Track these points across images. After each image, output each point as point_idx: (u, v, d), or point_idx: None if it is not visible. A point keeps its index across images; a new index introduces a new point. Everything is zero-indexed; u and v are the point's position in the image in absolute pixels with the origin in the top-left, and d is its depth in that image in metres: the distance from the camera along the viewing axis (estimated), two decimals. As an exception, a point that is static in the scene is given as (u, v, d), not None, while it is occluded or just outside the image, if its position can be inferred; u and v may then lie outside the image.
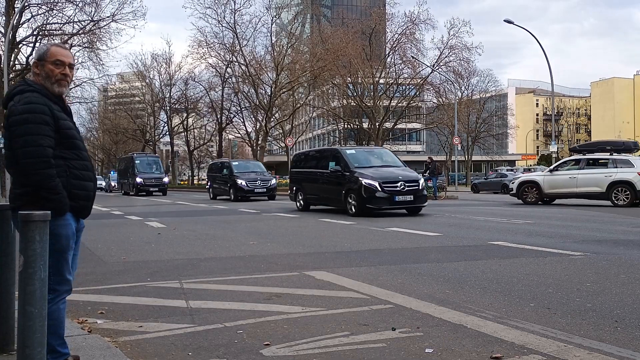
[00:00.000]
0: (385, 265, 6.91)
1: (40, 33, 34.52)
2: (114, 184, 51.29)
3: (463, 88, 57.07)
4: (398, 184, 14.46)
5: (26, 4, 32.53)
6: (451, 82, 48.10)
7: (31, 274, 2.53)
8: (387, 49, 49.66)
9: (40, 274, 2.55)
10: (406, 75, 49.54)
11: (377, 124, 47.08)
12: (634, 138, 78.68)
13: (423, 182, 15.18)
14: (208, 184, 30.39)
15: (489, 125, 65.72)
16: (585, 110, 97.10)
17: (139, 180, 37.60)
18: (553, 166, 19.87)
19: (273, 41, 47.88)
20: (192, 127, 64.93)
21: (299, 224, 13.03)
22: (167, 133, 64.74)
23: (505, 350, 3.50)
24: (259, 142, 49.29)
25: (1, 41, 31.45)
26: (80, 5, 33.70)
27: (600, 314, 4.38)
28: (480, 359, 3.40)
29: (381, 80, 48.41)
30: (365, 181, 14.43)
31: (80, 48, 36.08)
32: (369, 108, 47.88)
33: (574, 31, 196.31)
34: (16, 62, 34.65)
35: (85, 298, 5.30)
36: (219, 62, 49.14)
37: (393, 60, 49.22)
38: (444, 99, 50.81)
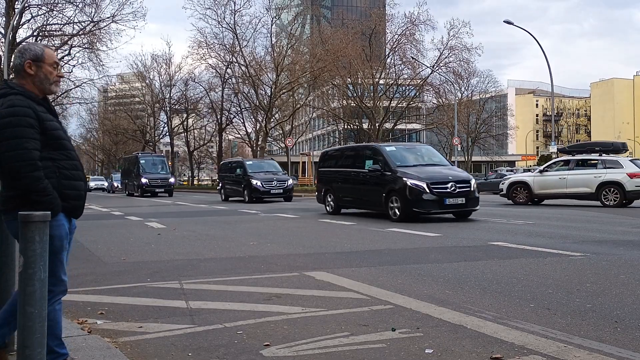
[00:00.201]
0: (385, 265, 6.91)
1: (41, 34, 34.56)
2: (116, 184, 50.21)
3: (463, 89, 57.12)
4: (448, 185, 12.95)
5: (26, 5, 32.58)
6: (451, 83, 48.11)
7: (31, 275, 2.53)
8: (387, 49, 49.66)
9: (40, 274, 2.55)
10: (406, 76, 49.54)
11: (377, 125, 47.06)
12: (633, 138, 78.84)
13: (475, 183, 13.71)
14: (219, 185, 28.83)
15: (488, 126, 65.74)
16: (585, 110, 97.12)
17: (144, 180, 36.24)
18: (543, 167, 20.06)
19: (273, 42, 47.89)
20: (192, 128, 64.91)
21: (298, 225, 13.03)
22: (167, 134, 64.72)
23: (505, 351, 3.50)
24: (259, 143, 49.29)
25: (1, 42, 31.48)
26: (80, 6, 33.77)
27: (600, 315, 4.38)
28: (480, 359, 3.40)
29: (381, 81, 48.40)
30: (410, 182, 12.89)
31: (80, 49, 36.18)
32: (368, 109, 47.88)
33: (574, 32, 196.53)
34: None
35: (85, 298, 5.30)
36: (219, 63, 49.15)
37: (393, 60, 49.26)
38: (443, 99, 50.82)
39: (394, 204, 13.24)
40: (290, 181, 25.84)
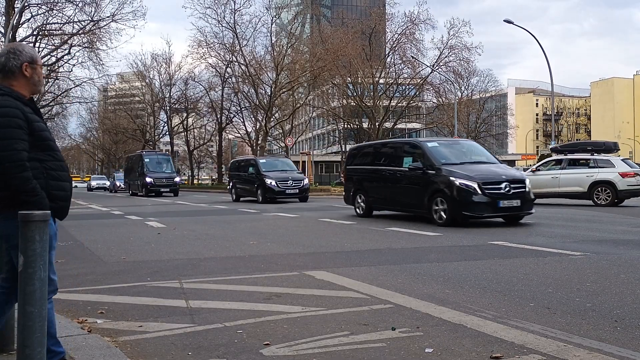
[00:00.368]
0: (385, 265, 6.91)
1: (40, 33, 34.54)
2: (119, 183, 49.01)
3: (463, 88, 57.13)
4: (502, 185, 11.49)
5: (26, 4, 32.54)
6: (451, 82, 48.09)
7: (31, 274, 2.54)
8: (387, 49, 49.65)
9: (40, 273, 2.55)
10: (406, 75, 49.54)
11: (377, 124, 47.06)
12: (633, 138, 78.86)
13: (529, 183, 12.33)
14: (230, 185, 27.45)
15: (488, 125, 65.75)
16: (585, 110, 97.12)
17: (148, 180, 35.07)
18: (535, 166, 20.17)
19: (273, 41, 47.89)
20: (192, 127, 64.95)
21: (298, 224, 13.03)
22: (167, 133, 64.77)
23: (505, 350, 3.50)
24: (259, 142, 49.30)
25: (1, 41, 31.45)
26: (80, 5, 33.73)
27: (600, 314, 4.38)
28: (480, 358, 3.40)
29: (381, 80, 48.40)
30: (459, 182, 11.46)
31: (80, 48, 36.13)
32: (368, 108, 47.88)
33: (574, 31, 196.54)
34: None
35: (85, 298, 5.31)
36: (219, 62, 49.19)
37: (393, 60, 49.25)
38: (443, 99, 50.80)
39: (438, 206, 11.74)
40: (306, 180, 24.54)
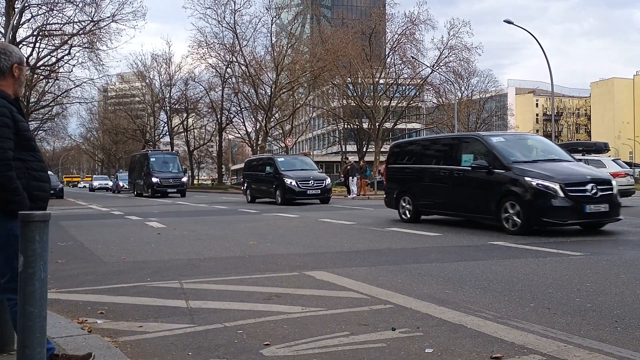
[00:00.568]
0: (385, 265, 6.91)
1: (40, 33, 34.57)
2: (122, 184, 47.84)
3: (463, 88, 57.20)
4: (588, 187, 9.74)
5: (26, 5, 32.58)
6: (451, 83, 48.11)
7: (31, 274, 2.54)
8: (387, 49, 49.67)
9: (40, 274, 2.55)
10: (406, 76, 49.56)
11: (377, 124, 47.08)
12: (633, 138, 78.83)
13: (616, 185, 10.52)
14: (244, 185, 25.89)
15: (488, 126, 65.74)
16: (585, 110, 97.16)
17: (154, 179, 33.51)
18: None
19: (273, 41, 47.95)
20: (192, 128, 65.00)
21: (298, 224, 13.03)
22: (167, 133, 64.80)
23: (505, 350, 3.50)
24: (259, 142, 49.33)
25: (1, 41, 31.46)
26: (80, 5, 33.78)
27: (600, 314, 4.38)
28: (480, 358, 3.40)
29: (381, 81, 48.42)
30: (536, 182, 9.80)
31: (81, 48, 36.18)
32: (368, 108, 47.89)
33: (574, 31, 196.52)
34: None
35: (85, 298, 5.31)
36: (219, 63, 49.27)
37: (393, 60, 49.28)
38: (443, 99, 50.83)
39: (510, 211, 10.04)
40: (328, 180, 22.68)
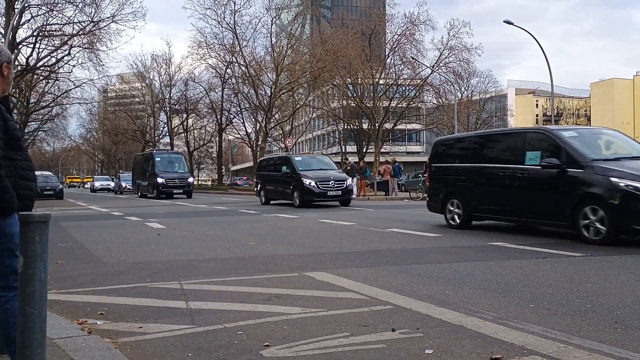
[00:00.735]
0: (385, 266, 6.91)
1: (40, 34, 34.58)
2: (124, 184, 46.58)
3: (463, 89, 57.13)
4: None
5: (26, 5, 32.59)
6: (451, 83, 48.07)
7: (31, 275, 2.53)
8: (387, 49, 49.65)
9: (40, 274, 2.55)
10: (406, 76, 49.53)
11: (377, 125, 47.07)
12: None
13: None
14: (258, 186, 24.64)
15: (488, 126, 65.73)
16: (585, 111, 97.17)
17: (160, 180, 32.32)
18: None
19: (273, 42, 47.93)
20: (192, 128, 65.01)
21: (298, 225, 13.03)
22: (167, 134, 64.81)
23: (505, 351, 3.50)
24: (259, 143, 49.34)
25: (1, 42, 31.47)
26: (80, 6, 33.78)
27: (600, 315, 4.38)
28: (480, 359, 3.40)
29: (381, 81, 48.40)
30: (624, 183, 8.47)
31: (80, 49, 36.20)
32: (368, 109, 47.88)
33: (574, 32, 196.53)
34: (16, 63, 34.67)
35: (85, 299, 5.30)
36: (219, 63, 49.27)
37: (393, 61, 49.23)
38: (443, 99, 50.82)
39: (591, 217, 8.74)
40: (349, 181, 21.35)
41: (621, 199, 8.49)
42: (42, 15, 34.21)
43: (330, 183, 20.22)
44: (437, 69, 46.98)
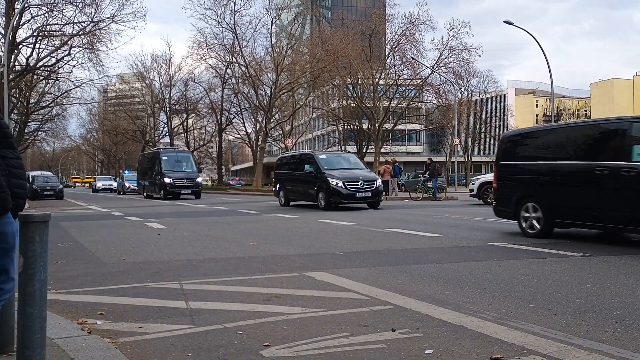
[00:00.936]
0: (385, 266, 6.91)
1: (40, 34, 34.58)
2: (128, 184, 45.02)
3: (463, 89, 57.24)
4: None
5: (26, 5, 32.60)
6: (451, 83, 48.14)
7: (31, 275, 2.54)
8: (387, 50, 49.71)
9: (40, 274, 2.55)
10: (406, 76, 49.59)
11: (377, 125, 47.11)
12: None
13: None
14: (276, 186, 22.90)
15: (488, 126, 65.83)
16: (585, 111, 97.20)
17: (167, 180, 30.96)
18: None
19: (273, 42, 47.98)
20: (192, 128, 65.02)
21: (298, 225, 13.02)
22: (167, 134, 64.79)
23: (505, 351, 3.50)
24: (259, 143, 49.39)
25: (1, 42, 31.48)
26: (80, 6, 33.81)
27: (600, 315, 4.38)
28: (480, 359, 3.40)
29: (381, 81, 48.45)
30: None
31: (80, 49, 36.22)
32: (368, 109, 47.91)
33: (574, 32, 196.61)
34: (16, 63, 34.70)
35: (85, 299, 5.30)
36: (219, 63, 49.32)
37: (393, 61, 49.32)
38: (443, 99, 50.86)
39: None
40: (379, 181, 19.66)
41: None
42: (42, 16, 34.26)
43: (359, 183, 18.57)
44: (437, 69, 47.06)
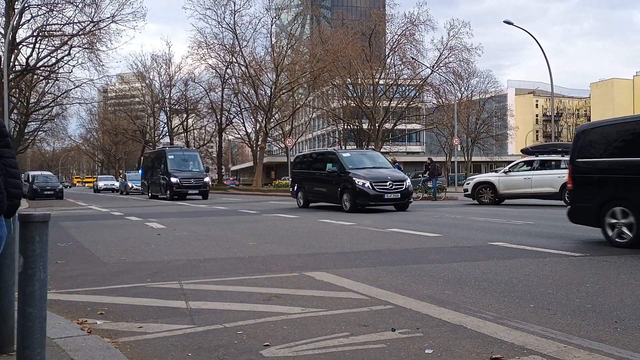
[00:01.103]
0: (385, 265, 6.91)
1: (40, 34, 34.58)
2: (131, 184, 44.03)
3: (463, 89, 57.20)
4: None
5: (26, 5, 32.59)
6: (451, 83, 48.15)
7: (31, 275, 2.54)
8: (387, 49, 49.71)
9: (40, 274, 2.55)
10: (406, 76, 49.60)
11: (377, 125, 47.11)
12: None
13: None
14: (294, 186, 21.29)
15: (488, 126, 65.81)
16: (585, 111, 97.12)
17: (174, 180, 29.80)
18: (508, 167, 20.47)
19: (273, 42, 47.98)
20: (192, 128, 65.00)
21: (298, 225, 13.02)
22: (167, 134, 64.77)
23: (505, 351, 3.50)
24: (259, 143, 49.39)
25: (1, 42, 31.47)
26: (80, 6, 33.80)
27: (600, 315, 4.38)
28: (480, 359, 3.40)
29: (381, 81, 48.46)
30: None
31: (80, 49, 36.21)
32: (368, 109, 47.92)
33: (574, 32, 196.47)
34: (16, 63, 34.69)
35: (85, 299, 5.30)
36: (219, 63, 49.31)
37: (393, 61, 49.33)
38: (443, 99, 50.86)
39: None
40: (408, 181, 18.07)
41: None
42: (42, 16, 34.25)
43: (387, 184, 17.21)
44: (437, 69, 47.07)
